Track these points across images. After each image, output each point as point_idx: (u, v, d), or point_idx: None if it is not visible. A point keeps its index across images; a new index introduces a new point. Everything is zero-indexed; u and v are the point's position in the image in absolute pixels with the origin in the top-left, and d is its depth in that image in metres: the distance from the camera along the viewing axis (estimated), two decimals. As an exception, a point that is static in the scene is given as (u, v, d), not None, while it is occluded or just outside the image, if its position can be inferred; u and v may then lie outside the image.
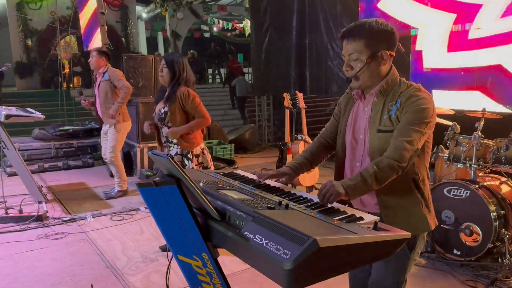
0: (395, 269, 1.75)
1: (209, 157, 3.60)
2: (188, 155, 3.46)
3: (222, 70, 17.14)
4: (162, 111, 3.43)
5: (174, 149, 3.48)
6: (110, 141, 5.12)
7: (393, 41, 1.74)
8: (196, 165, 3.47)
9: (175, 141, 3.45)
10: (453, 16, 4.83)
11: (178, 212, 1.46)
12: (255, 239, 1.24)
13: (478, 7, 4.59)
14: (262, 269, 1.24)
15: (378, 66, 1.72)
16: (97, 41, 6.29)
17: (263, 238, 1.22)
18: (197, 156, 3.49)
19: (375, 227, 1.34)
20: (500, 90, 4.48)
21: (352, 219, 1.40)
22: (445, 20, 4.90)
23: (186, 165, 3.46)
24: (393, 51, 1.75)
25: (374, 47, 1.69)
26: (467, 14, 4.69)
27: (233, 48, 17.08)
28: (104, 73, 5.09)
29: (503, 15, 4.35)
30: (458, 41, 4.79)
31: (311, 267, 1.14)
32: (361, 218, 1.41)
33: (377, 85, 1.75)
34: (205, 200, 1.41)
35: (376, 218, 1.41)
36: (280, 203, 1.47)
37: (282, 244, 1.17)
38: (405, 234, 1.35)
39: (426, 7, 5.12)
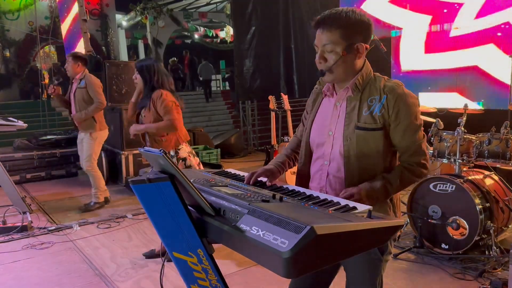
0: (371, 274, 1.68)
1: (195, 161, 3.44)
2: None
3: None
4: (142, 116, 3.41)
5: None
6: (86, 150, 4.92)
7: (369, 33, 1.62)
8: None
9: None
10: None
11: (172, 209, 1.44)
12: (251, 231, 1.24)
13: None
14: (260, 261, 1.24)
15: (354, 59, 1.60)
16: (80, 48, 6.22)
17: (259, 230, 1.22)
18: (183, 159, 3.36)
19: (369, 216, 1.35)
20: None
21: (346, 209, 1.41)
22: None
23: None
24: (368, 44, 1.64)
25: (350, 39, 1.56)
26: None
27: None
28: (81, 80, 4.85)
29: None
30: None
31: (308, 255, 1.14)
32: (355, 208, 1.42)
33: (351, 79, 1.64)
34: (199, 195, 1.41)
35: (370, 207, 1.42)
36: (274, 196, 1.47)
37: (279, 233, 1.16)
38: (399, 221, 1.37)
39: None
